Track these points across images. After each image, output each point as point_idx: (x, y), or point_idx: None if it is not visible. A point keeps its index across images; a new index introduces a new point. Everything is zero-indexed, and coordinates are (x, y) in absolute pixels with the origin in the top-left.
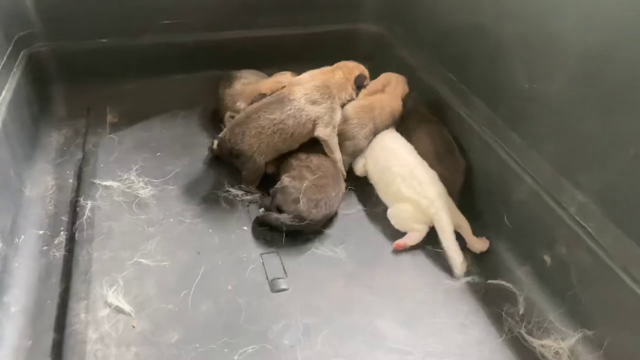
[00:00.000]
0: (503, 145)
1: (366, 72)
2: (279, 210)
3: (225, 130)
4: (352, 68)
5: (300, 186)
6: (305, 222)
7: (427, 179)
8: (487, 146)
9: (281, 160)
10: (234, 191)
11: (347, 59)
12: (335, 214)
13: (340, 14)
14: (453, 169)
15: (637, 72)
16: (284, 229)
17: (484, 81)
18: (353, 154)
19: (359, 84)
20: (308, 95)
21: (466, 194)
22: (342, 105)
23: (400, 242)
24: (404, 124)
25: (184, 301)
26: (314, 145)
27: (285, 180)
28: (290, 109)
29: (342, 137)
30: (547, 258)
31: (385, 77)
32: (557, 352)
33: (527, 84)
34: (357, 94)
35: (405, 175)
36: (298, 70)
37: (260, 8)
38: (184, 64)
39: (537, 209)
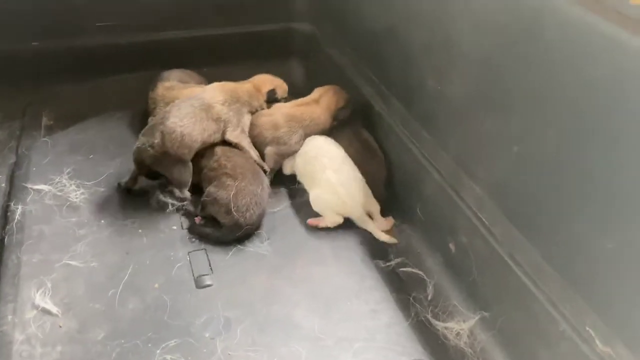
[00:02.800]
0: (415, 142)
1: (281, 87)
2: (213, 219)
3: (140, 141)
4: (265, 81)
5: (228, 195)
6: (244, 228)
7: (354, 179)
8: (402, 143)
9: (199, 171)
10: (163, 199)
11: (281, 58)
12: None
13: (274, 14)
14: (374, 164)
15: (519, 77)
16: (224, 242)
17: (399, 82)
18: (285, 156)
19: (270, 98)
20: (215, 96)
21: (386, 186)
22: (254, 112)
23: (313, 221)
24: (325, 132)
25: (112, 300)
26: (219, 147)
27: (212, 191)
28: (200, 105)
29: (275, 142)
30: (452, 246)
31: (323, 88)
32: (458, 334)
33: (434, 85)
34: (268, 106)
35: (336, 167)
36: (235, 69)
37: (195, 9)
38: (120, 65)
39: (443, 201)
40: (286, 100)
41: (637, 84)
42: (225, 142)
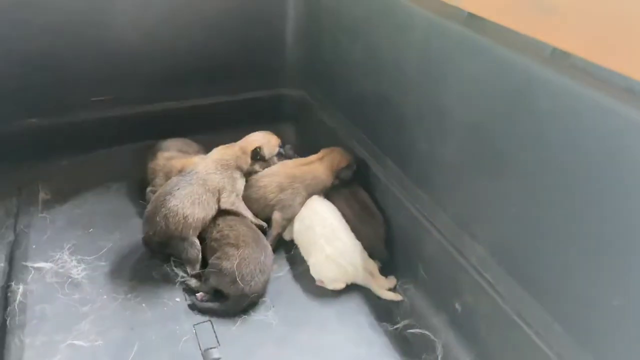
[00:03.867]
0: (413, 203)
1: (268, 144)
2: (215, 292)
3: (144, 229)
4: (252, 142)
5: (232, 265)
6: (249, 297)
7: (350, 244)
8: (400, 203)
9: (201, 242)
10: (170, 270)
11: (273, 122)
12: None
13: (265, 81)
14: (373, 224)
15: (511, 142)
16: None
17: (393, 144)
18: (291, 220)
19: (254, 157)
20: (207, 167)
21: (387, 246)
22: (247, 175)
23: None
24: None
25: None
26: (221, 217)
27: (215, 262)
28: (197, 180)
29: (280, 205)
30: (457, 306)
31: (329, 149)
32: None
33: (426, 148)
34: (256, 164)
35: (329, 236)
36: (228, 135)
37: (187, 80)
38: (116, 137)
39: (446, 260)
40: (282, 154)
41: (624, 146)
42: (224, 211)
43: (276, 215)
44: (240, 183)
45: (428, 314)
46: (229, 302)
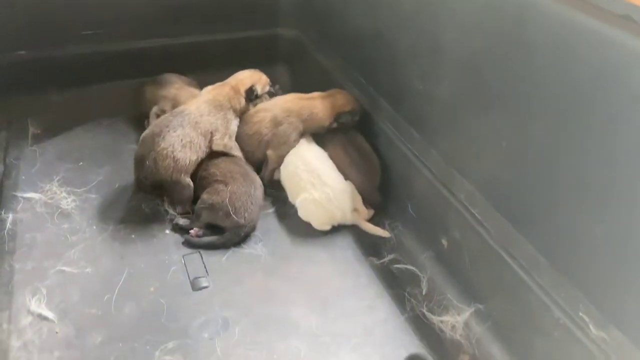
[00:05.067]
0: (405, 142)
1: (260, 82)
2: (210, 227)
3: (134, 170)
4: (243, 80)
5: (223, 200)
6: (246, 227)
7: (339, 189)
8: (393, 143)
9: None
10: (160, 207)
11: (266, 63)
12: None
13: (259, 20)
14: (369, 170)
15: (503, 76)
16: (230, 246)
17: (387, 84)
18: (283, 157)
19: (249, 97)
20: (200, 108)
21: (380, 195)
22: (240, 114)
23: None
24: (319, 136)
25: (107, 305)
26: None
27: (205, 198)
28: (188, 122)
29: (275, 140)
30: (444, 242)
31: (335, 89)
32: (453, 326)
33: (420, 86)
34: (252, 104)
35: (315, 182)
36: (220, 75)
37: (181, 16)
38: (107, 73)
39: (435, 198)
40: (273, 93)
41: (619, 77)
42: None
43: (270, 153)
44: (234, 124)
45: (415, 250)
46: (227, 234)
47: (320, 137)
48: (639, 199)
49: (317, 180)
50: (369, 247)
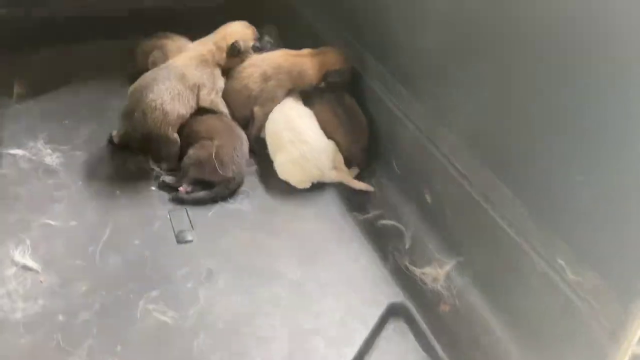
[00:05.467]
0: (391, 98)
1: (244, 37)
2: (197, 183)
3: (122, 124)
4: (226, 36)
5: (209, 155)
6: (235, 180)
7: (318, 147)
8: (379, 100)
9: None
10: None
11: (255, 21)
12: None
13: None
14: (357, 132)
15: (487, 25)
16: (220, 200)
17: (374, 40)
18: (269, 114)
19: (231, 53)
20: (186, 62)
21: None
22: (227, 70)
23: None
24: (307, 95)
25: (92, 256)
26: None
27: (191, 153)
28: (175, 75)
29: (262, 97)
30: (427, 196)
31: (326, 47)
32: (435, 278)
33: (406, 39)
34: (241, 59)
35: (294, 140)
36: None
37: None
38: (90, 32)
39: (418, 152)
40: (259, 48)
41: (598, 25)
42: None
43: (257, 109)
44: (221, 81)
45: (399, 206)
46: (217, 188)
47: (309, 96)
48: (614, 145)
49: (297, 138)
50: (354, 203)
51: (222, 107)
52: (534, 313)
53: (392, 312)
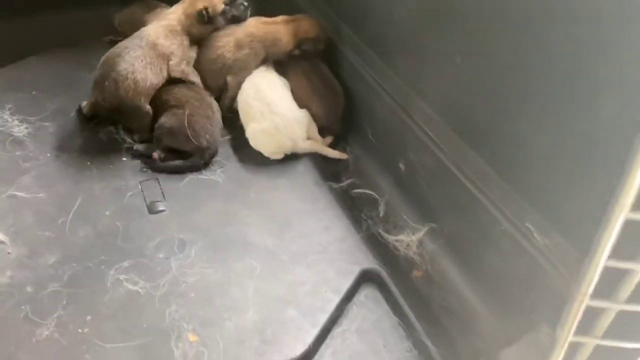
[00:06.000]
0: (366, 67)
1: (215, 1)
2: (172, 152)
3: (92, 93)
4: (195, 3)
5: (181, 124)
6: (209, 149)
7: (290, 118)
8: (354, 69)
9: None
10: (117, 136)
11: None
12: None
13: None
14: (332, 101)
15: None
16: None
17: (349, 9)
18: (241, 84)
19: (200, 20)
20: (157, 31)
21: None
22: (201, 38)
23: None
24: (281, 65)
25: (62, 228)
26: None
27: (162, 122)
28: (147, 43)
29: (236, 66)
30: (401, 165)
31: (301, 15)
32: (408, 245)
33: (381, 7)
34: (212, 29)
35: (265, 111)
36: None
37: None
38: (61, 0)
39: (393, 122)
40: (227, 12)
41: None
42: None
43: (230, 79)
44: (192, 51)
45: (373, 175)
46: (193, 157)
47: (283, 65)
48: (581, 111)
49: (267, 109)
50: (329, 173)
51: (193, 77)
52: (503, 276)
53: (365, 278)
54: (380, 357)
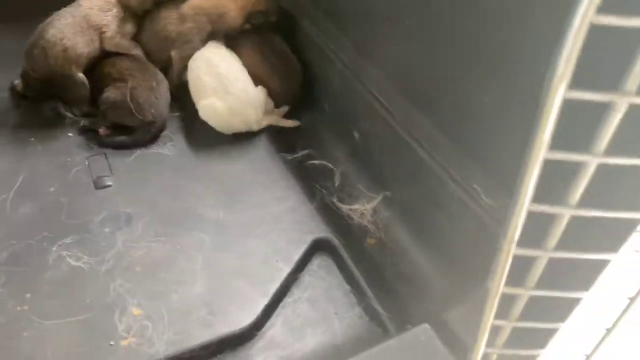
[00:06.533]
0: (320, 35)
1: None
2: (117, 126)
3: (24, 67)
4: None
5: (124, 96)
6: (155, 123)
7: (244, 97)
8: (308, 38)
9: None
10: (61, 111)
11: None
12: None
13: None
14: (289, 76)
15: None
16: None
17: None
18: (187, 58)
19: None
20: (93, 2)
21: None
22: (143, 11)
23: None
24: (233, 40)
25: (2, 206)
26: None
27: (105, 96)
28: (79, 13)
29: (179, 41)
30: (356, 134)
31: None
32: (362, 213)
33: None
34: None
35: (218, 88)
36: None
37: None
38: None
39: (347, 90)
40: None
41: None
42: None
43: (174, 53)
44: (129, 25)
45: (329, 145)
46: (138, 132)
47: (235, 41)
48: (520, 68)
49: (220, 86)
50: (283, 144)
51: (132, 49)
52: (452, 239)
53: (318, 248)
54: (332, 324)
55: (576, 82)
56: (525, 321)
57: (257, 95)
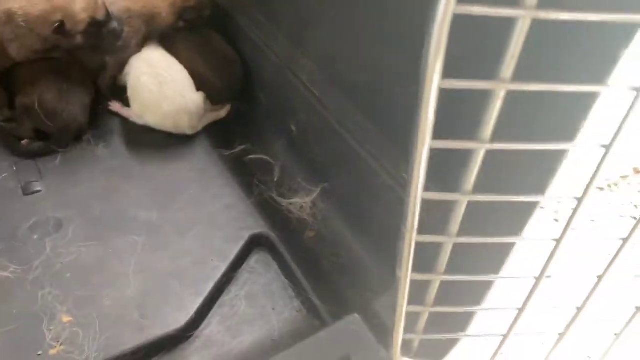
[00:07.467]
0: (254, 29)
1: None
2: (38, 131)
3: None
4: None
5: (33, 103)
6: (71, 127)
7: (182, 101)
8: (243, 32)
9: None
10: None
11: None
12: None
13: None
14: (230, 75)
15: None
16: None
17: None
18: (124, 62)
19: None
20: None
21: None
22: None
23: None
24: (167, 40)
25: None
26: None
27: (18, 102)
28: None
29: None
30: (293, 127)
31: None
32: (301, 207)
33: None
34: None
35: (154, 91)
36: None
37: None
38: None
39: (282, 83)
40: None
41: None
42: None
43: (109, 58)
44: None
45: (267, 139)
46: (52, 139)
47: (171, 40)
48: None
49: (156, 89)
50: (220, 140)
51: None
52: (386, 227)
53: (256, 244)
54: (269, 320)
55: (471, 71)
56: (445, 306)
57: (194, 100)
